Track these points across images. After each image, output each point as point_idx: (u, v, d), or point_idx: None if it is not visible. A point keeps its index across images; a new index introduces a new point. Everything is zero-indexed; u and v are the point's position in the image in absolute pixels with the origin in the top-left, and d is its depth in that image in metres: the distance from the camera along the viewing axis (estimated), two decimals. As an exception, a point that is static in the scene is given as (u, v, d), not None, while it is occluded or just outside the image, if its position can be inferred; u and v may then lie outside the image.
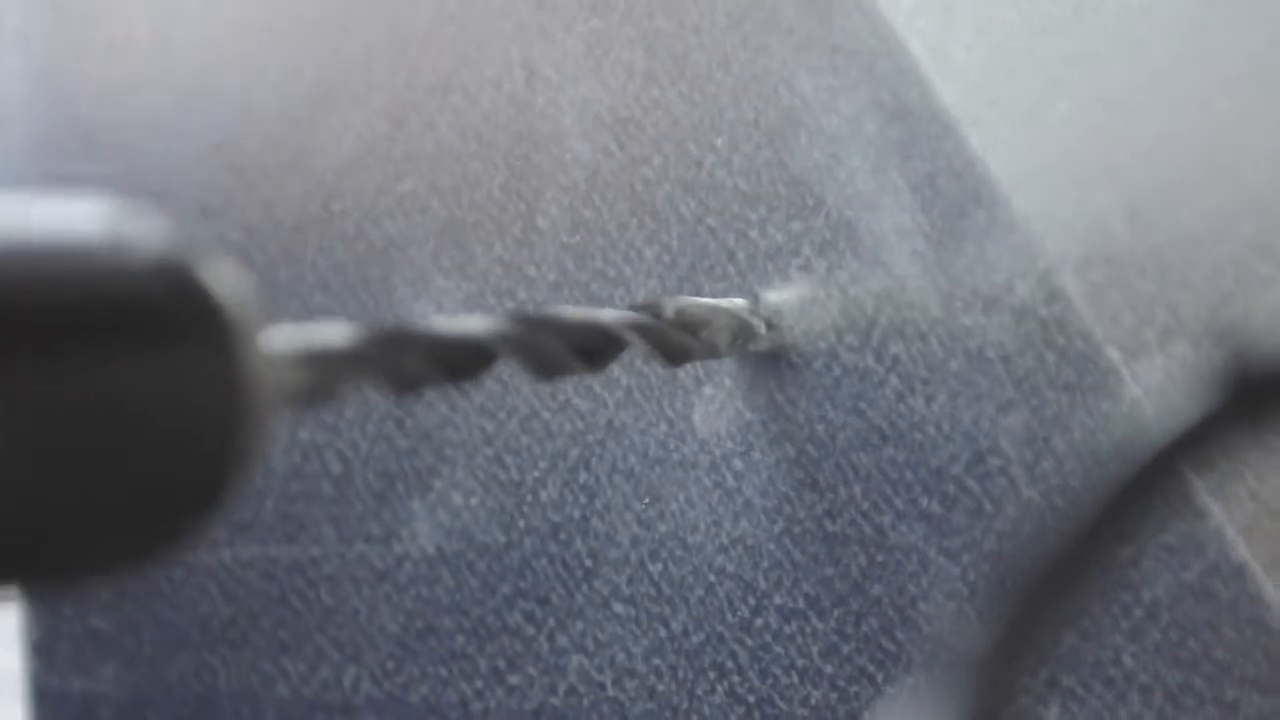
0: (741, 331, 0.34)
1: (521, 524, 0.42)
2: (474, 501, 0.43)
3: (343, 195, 0.47)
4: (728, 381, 0.37)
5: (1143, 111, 0.31)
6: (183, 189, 0.52)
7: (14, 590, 0.25)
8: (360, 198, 0.46)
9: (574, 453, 0.41)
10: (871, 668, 0.35)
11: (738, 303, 0.35)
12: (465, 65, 0.43)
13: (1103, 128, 0.31)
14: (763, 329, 0.34)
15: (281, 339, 0.26)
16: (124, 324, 0.23)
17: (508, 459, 0.42)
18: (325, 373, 0.26)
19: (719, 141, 0.36)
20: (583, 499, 0.41)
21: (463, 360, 0.30)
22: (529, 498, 0.42)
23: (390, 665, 0.46)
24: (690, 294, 0.37)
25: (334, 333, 0.27)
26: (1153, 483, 0.29)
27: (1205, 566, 0.31)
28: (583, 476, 0.41)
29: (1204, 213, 0.30)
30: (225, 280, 0.24)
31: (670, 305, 0.33)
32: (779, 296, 0.35)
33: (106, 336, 0.23)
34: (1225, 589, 0.31)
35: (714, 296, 0.36)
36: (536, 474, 0.42)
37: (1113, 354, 0.31)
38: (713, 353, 0.34)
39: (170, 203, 0.51)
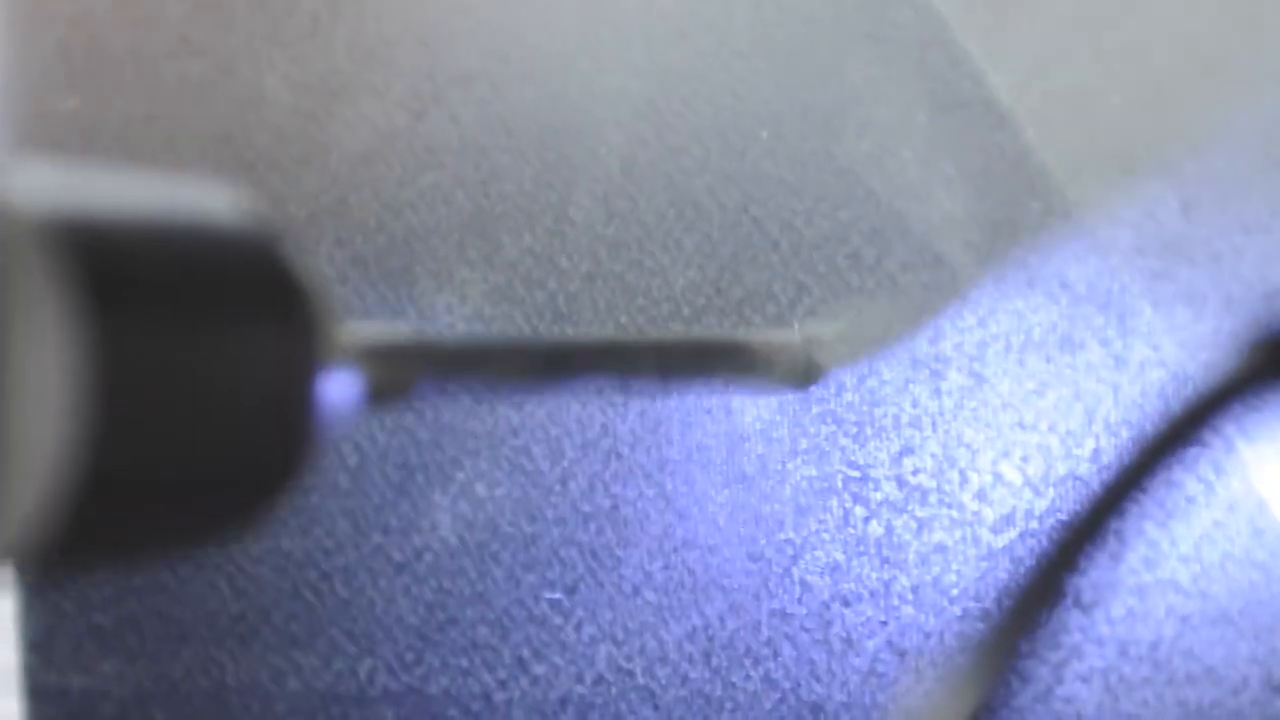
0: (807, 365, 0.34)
1: (549, 514, 0.42)
2: (499, 492, 0.43)
3: (360, 188, 0.47)
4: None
5: (1194, 102, 0.32)
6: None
7: (93, 557, 0.25)
8: (379, 190, 0.46)
9: (605, 443, 0.41)
10: (912, 653, 0.36)
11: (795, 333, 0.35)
12: (491, 57, 0.43)
13: (1155, 118, 0.32)
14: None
15: (355, 334, 0.26)
16: (228, 298, 0.23)
17: (535, 450, 0.43)
18: (395, 371, 0.27)
19: (763, 133, 0.37)
20: (614, 488, 0.41)
21: (541, 372, 0.30)
22: (557, 488, 0.42)
23: (409, 657, 0.46)
24: (730, 284, 0.37)
25: (405, 333, 0.27)
26: (1189, 436, 0.29)
27: (1251, 541, 0.31)
28: (614, 466, 0.41)
29: (1255, 202, 0.31)
30: (309, 274, 0.24)
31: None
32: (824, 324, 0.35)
33: (211, 307, 0.23)
34: (1272, 564, 0.31)
35: (756, 283, 0.36)
36: (565, 464, 0.42)
37: (1165, 341, 0.31)
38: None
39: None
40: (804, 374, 0.34)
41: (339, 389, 0.25)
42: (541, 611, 0.43)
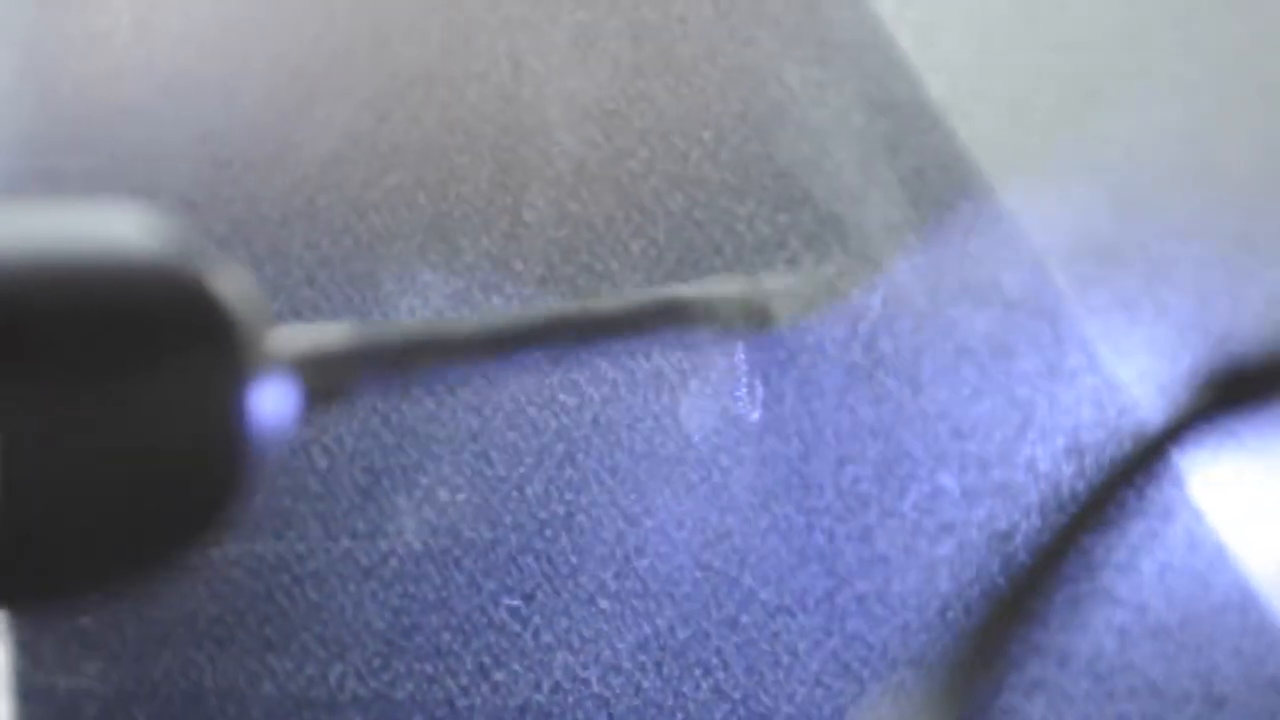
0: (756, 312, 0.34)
1: (507, 520, 0.42)
2: (460, 498, 0.43)
3: (328, 189, 0.47)
4: (714, 377, 0.37)
5: (1128, 103, 0.31)
6: (166, 182, 0.51)
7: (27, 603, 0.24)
8: (345, 191, 0.46)
9: (559, 448, 0.41)
10: (856, 664, 0.35)
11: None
12: (450, 58, 0.43)
13: (1089, 120, 0.31)
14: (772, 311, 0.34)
15: (288, 341, 0.25)
16: (137, 334, 0.23)
17: (494, 455, 0.42)
18: (333, 374, 0.26)
19: (706, 134, 0.36)
20: (568, 495, 0.40)
21: (492, 354, 0.30)
22: (514, 494, 0.42)
23: (376, 662, 0.46)
24: (675, 283, 0.37)
25: (340, 332, 0.27)
26: (1140, 470, 0.29)
27: (1187, 552, 0.31)
28: (568, 472, 0.41)
29: (1189, 205, 0.30)
30: (231, 285, 0.24)
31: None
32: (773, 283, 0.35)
33: (120, 346, 0.23)
34: (1210, 575, 0.31)
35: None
36: (522, 470, 0.42)
37: (1100, 347, 0.31)
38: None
39: (154, 196, 0.51)
40: (755, 321, 0.33)
41: (274, 400, 0.25)
42: (501, 618, 0.42)
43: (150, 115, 0.52)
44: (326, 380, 0.26)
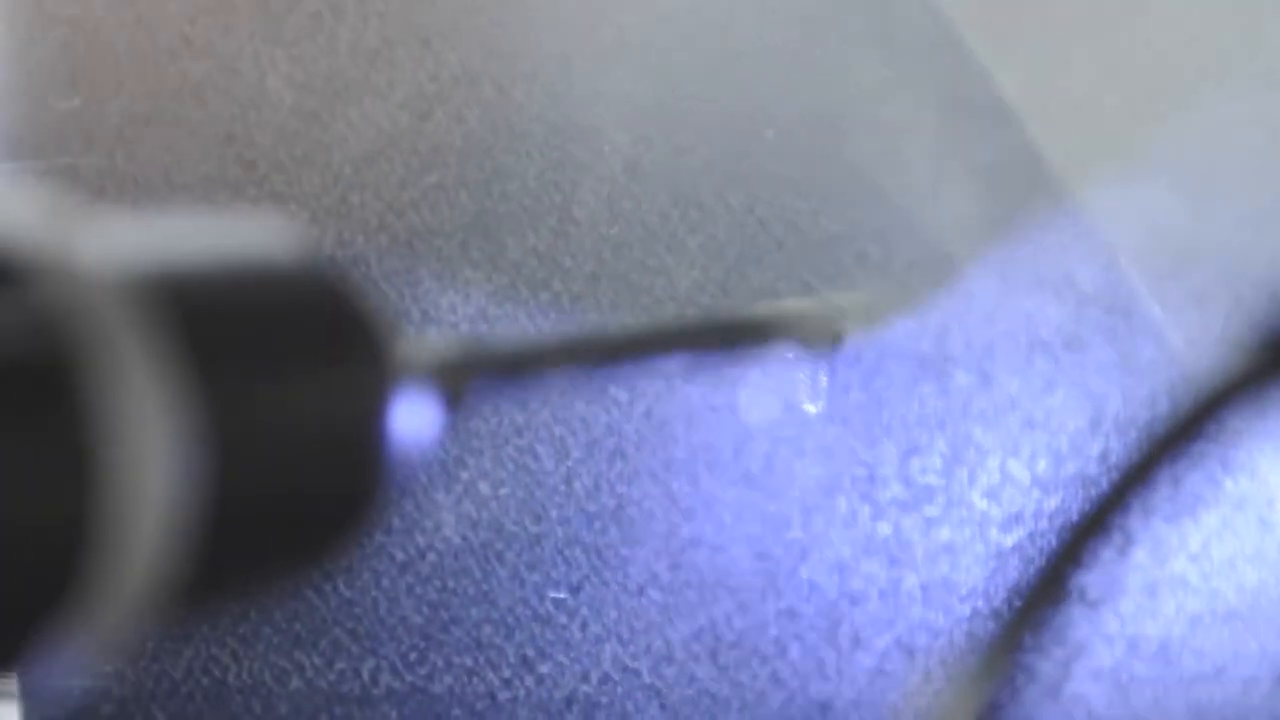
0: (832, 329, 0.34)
1: (553, 514, 0.42)
2: (503, 492, 0.43)
3: (362, 188, 0.47)
4: (775, 368, 0.37)
5: (1200, 100, 0.32)
6: (187, 182, 0.51)
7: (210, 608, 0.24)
8: (382, 191, 0.46)
9: (610, 442, 0.41)
10: (920, 652, 0.36)
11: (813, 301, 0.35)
12: (496, 58, 0.43)
13: (1160, 117, 0.32)
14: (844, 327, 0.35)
15: (419, 351, 0.26)
16: (300, 344, 0.23)
17: (540, 449, 0.43)
18: (454, 382, 0.27)
19: (769, 133, 0.37)
20: (619, 488, 0.41)
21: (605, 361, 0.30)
22: (562, 487, 0.42)
23: (412, 656, 0.46)
24: (735, 284, 0.37)
25: (451, 342, 0.27)
26: (1195, 433, 0.29)
27: (1260, 539, 0.32)
28: (619, 466, 0.41)
29: (1262, 201, 0.31)
30: (369, 296, 0.24)
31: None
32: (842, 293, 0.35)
33: (288, 356, 0.23)
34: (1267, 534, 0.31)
35: (761, 283, 0.36)
36: (570, 464, 0.42)
37: (1175, 340, 0.31)
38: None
39: (174, 196, 0.51)
40: (828, 337, 0.34)
41: (416, 410, 0.25)
42: (546, 611, 0.43)
43: (172, 116, 0.52)
44: (450, 389, 0.26)
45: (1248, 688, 0.32)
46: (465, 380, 0.27)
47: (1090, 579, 0.31)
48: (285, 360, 0.22)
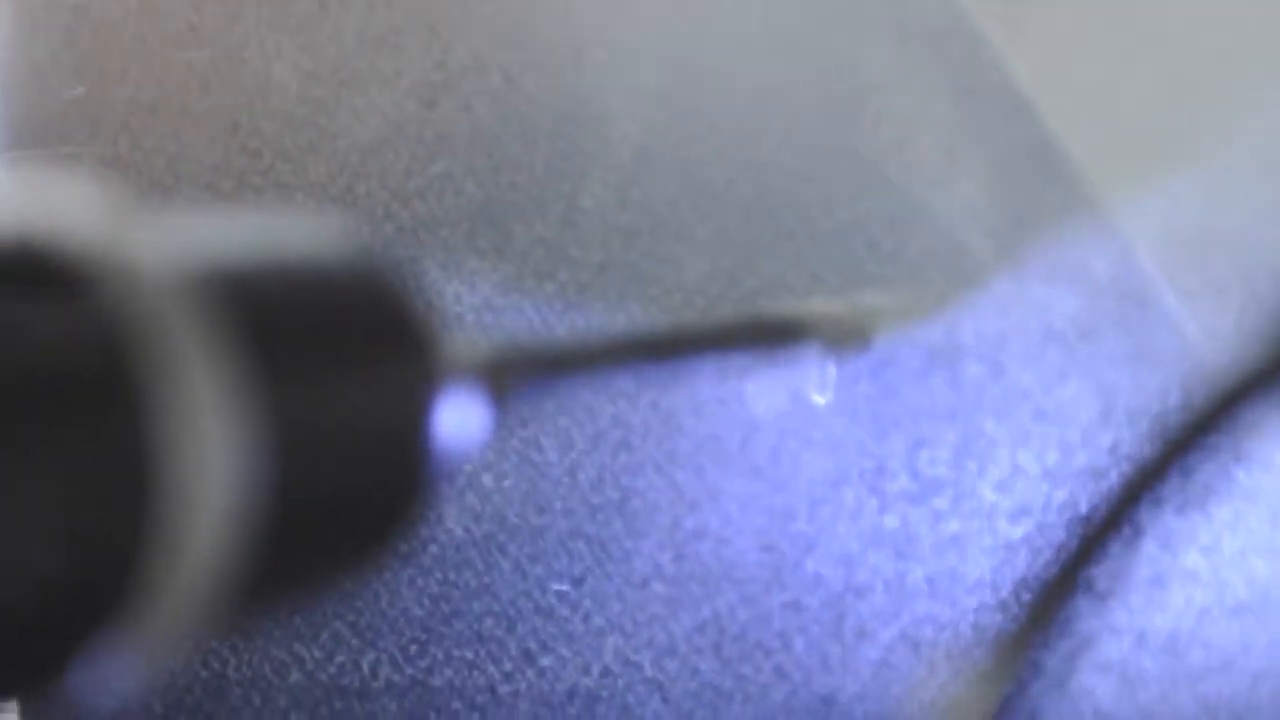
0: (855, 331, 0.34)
1: (557, 505, 0.42)
2: (506, 484, 0.43)
3: (367, 177, 0.47)
4: (783, 361, 0.37)
5: (1218, 89, 0.32)
6: (193, 172, 0.51)
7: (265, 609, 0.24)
8: (387, 179, 0.46)
9: (615, 434, 0.41)
10: (926, 645, 0.35)
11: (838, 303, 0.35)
12: (504, 46, 0.43)
13: (1177, 106, 0.32)
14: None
15: (467, 350, 0.26)
16: (355, 342, 0.23)
17: (544, 441, 0.42)
18: (498, 381, 0.27)
19: (779, 121, 0.37)
20: (624, 480, 0.41)
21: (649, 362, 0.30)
22: (565, 479, 0.42)
23: (413, 649, 0.45)
24: (744, 274, 0.37)
25: (491, 342, 0.27)
26: (1209, 428, 0.29)
27: (1270, 532, 0.31)
28: (623, 458, 0.41)
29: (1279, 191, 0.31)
30: (420, 296, 0.24)
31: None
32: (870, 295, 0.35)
33: (346, 351, 0.23)
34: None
35: (771, 273, 0.36)
36: (574, 455, 0.42)
37: (1190, 331, 0.31)
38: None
39: (178, 186, 0.51)
40: (853, 339, 0.34)
41: (461, 409, 0.25)
42: (548, 603, 0.42)
43: (178, 105, 0.52)
44: (494, 389, 0.26)
45: (1257, 681, 0.32)
46: (508, 381, 0.27)
47: (1098, 571, 0.31)
48: (340, 359, 0.22)
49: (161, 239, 0.21)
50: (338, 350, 0.22)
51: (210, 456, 0.20)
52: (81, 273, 0.20)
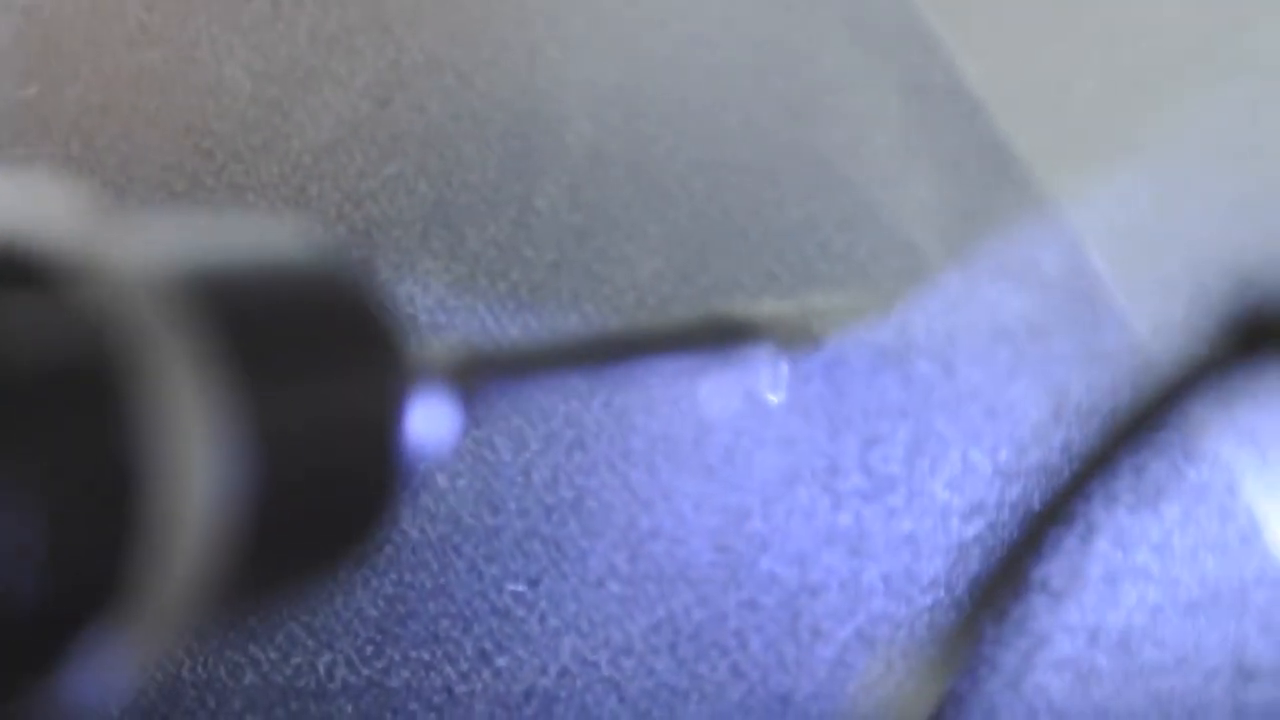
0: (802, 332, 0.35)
1: (511, 506, 0.42)
2: (460, 484, 0.43)
3: (321, 178, 0.47)
4: (736, 360, 0.37)
5: (1168, 89, 0.32)
6: (145, 173, 0.51)
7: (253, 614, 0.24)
8: (340, 180, 0.46)
9: (569, 434, 0.41)
10: (881, 643, 0.35)
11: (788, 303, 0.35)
12: (458, 45, 0.43)
13: (1128, 106, 0.32)
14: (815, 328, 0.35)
15: (432, 352, 0.26)
16: (323, 345, 0.23)
17: (498, 440, 0.42)
18: (465, 384, 0.27)
19: (734, 121, 0.37)
20: (578, 479, 0.41)
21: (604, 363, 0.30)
22: (519, 479, 0.42)
23: (369, 650, 0.45)
24: (697, 273, 0.37)
25: (458, 345, 0.27)
26: (1158, 420, 0.29)
27: (1220, 528, 0.31)
28: (577, 457, 0.41)
29: (1229, 190, 0.31)
30: (384, 298, 0.24)
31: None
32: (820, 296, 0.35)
33: (311, 358, 0.23)
34: (1241, 551, 0.31)
35: (724, 272, 0.36)
36: (528, 455, 0.42)
37: (1139, 328, 0.31)
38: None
39: (130, 187, 0.50)
40: (803, 339, 0.34)
41: (435, 412, 0.25)
42: (504, 604, 0.42)
43: (129, 106, 0.51)
44: (461, 392, 0.26)
45: (1209, 678, 0.32)
46: (475, 383, 0.27)
47: (1052, 569, 0.31)
48: (315, 359, 0.22)
49: (137, 239, 0.21)
50: (312, 350, 0.22)
51: (192, 454, 0.20)
52: (59, 272, 0.20)
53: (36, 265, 0.20)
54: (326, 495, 0.22)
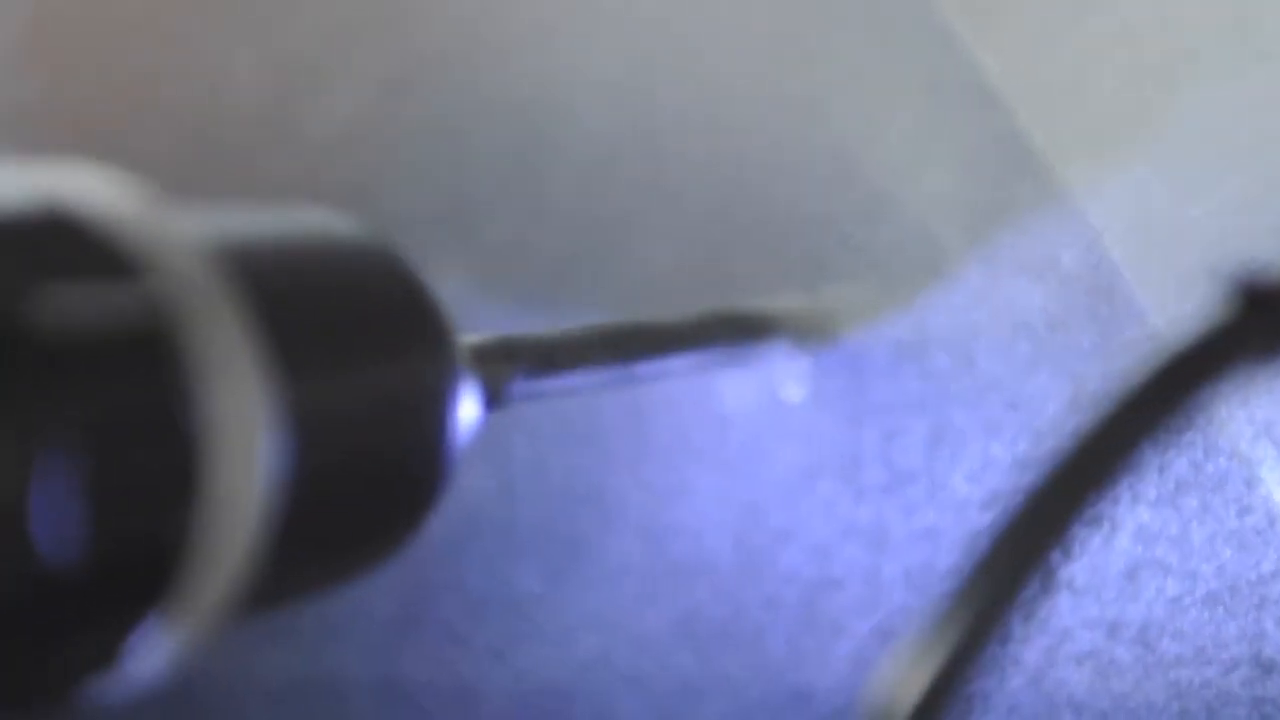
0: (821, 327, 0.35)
1: (528, 501, 0.42)
2: (476, 479, 0.43)
3: (331, 171, 0.46)
4: (754, 354, 0.37)
5: (1185, 82, 0.32)
6: (151, 168, 0.51)
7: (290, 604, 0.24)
8: (351, 174, 0.46)
9: (586, 428, 0.41)
10: (899, 637, 0.35)
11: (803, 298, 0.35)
12: (467, 39, 0.43)
13: (1145, 100, 0.32)
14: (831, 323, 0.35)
15: (471, 342, 0.26)
16: (375, 332, 0.23)
17: (514, 436, 0.42)
18: (501, 373, 0.27)
19: (750, 114, 0.36)
20: (595, 474, 0.41)
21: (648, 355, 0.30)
22: (536, 473, 0.42)
23: (382, 646, 0.45)
24: (713, 267, 0.37)
25: (491, 336, 0.27)
26: (1166, 398, 0.29)
27: (1238, 520, 0.32)
28: (595, 452, 0.41)
29: (1247, 182, 0.31)
30: (431, 286, 0.24)
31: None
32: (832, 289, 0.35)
33: (370, 339, 0.23)
34: (1259, 542, 0.31)
35: (740, 266, 0.36)
36: (544, 450, 0.42)
37: (1157, 321, 0.31)
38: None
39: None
40: (821, 335, 0.34)
41: (468, 400, 0.25)
42: (520, 599, 0.42)
43: (132, 103, 0.51)
44: (490, 383, 0.26)
45: (1228, 670, 0.32)
46: (504, 375, 0.27)
47: (1076, 567, 0.31)
48: (363, 346, 0.22)
49: (188, 225, 0.21)
50: (360, 337, 0.22)
51: (243, 429, 0.20)
52: (118, 249, 0.20)
53: (95, 242, 0.20)
54: (375, 476, 0.22)
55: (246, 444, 0.20)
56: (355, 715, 0.46)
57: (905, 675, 0.28)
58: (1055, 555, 0.29)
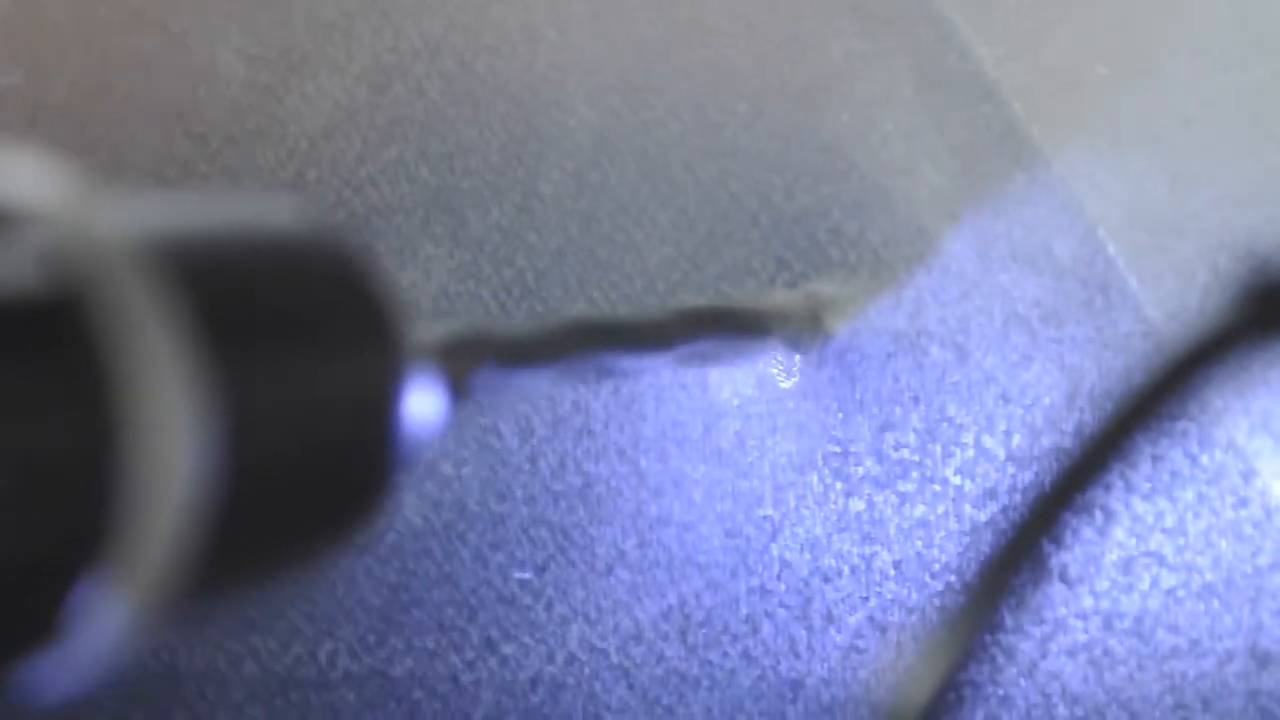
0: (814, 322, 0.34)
1: (518, 493, 0.42)
2: (465, 471, 0.43)
3: (318, 163, 0.46)
4: (746, 347, 0.37)
5: (1181, 75, 0.32)
6: (137, 159, 0.50)
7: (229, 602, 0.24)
8: (339, 166, 0.46)
9: (576, 421, 0.41)
10: (894, 628, 0.35)
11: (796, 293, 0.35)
12: (457, 29, 0.43)
13: (1142, 92, 0.32)
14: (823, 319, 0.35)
15: (428, 334, 0.25)
16: (319, 322, 0.23)
17: (503, 428, 0.42)
18: (462, 368, 0.26)
19: (741, 107, 0.36)
20: (586, 466, 0.40)
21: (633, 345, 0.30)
22: (526, 466, 0.42)
23: (371, 639, 0.45)
24: (706, 259, 0.37)
25: (456, 328, 0.27)
26: (1173, 403, 0.29)
27: (1234, 513, 0.32)
28: (585, 444, 0.41)
29: (1243, 174, 0.31)
30: (384, 276, 0.24)
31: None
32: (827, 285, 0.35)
33: (310, 330, 0.22)
34: (1256, 535, 0.31)
35: (733, 258, 0.36)
36: (534, 442, 0.42)
37: (1153, 314, 0.31)
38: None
39: (123, 173, 0.50)
40: (811, 330, 0.34)
41: (426, 393, 0.24)
42: (510, 591, 0.42)
43: (120, 92, 0.51)
44: (454, 375, 0.26)
45: (1223, 663, 0.32)
46: (469, 367, 0.26)
47: (1069, 557, 0.31)
48: (301, 334, 0.22)
49: (120, 209, 0.21)
50: (298, 325, 0.22)
51: (161, 415, 0.19)
52: (40, 229, 0.20)
53: (17, 221, 0.20)
54: (313, 469, 0.22)
55: (163, 416, 0.19)
56: (344, 707, 0.46)
57: (914, 672, 0.28)
58: (1045, 543, 0.29)
